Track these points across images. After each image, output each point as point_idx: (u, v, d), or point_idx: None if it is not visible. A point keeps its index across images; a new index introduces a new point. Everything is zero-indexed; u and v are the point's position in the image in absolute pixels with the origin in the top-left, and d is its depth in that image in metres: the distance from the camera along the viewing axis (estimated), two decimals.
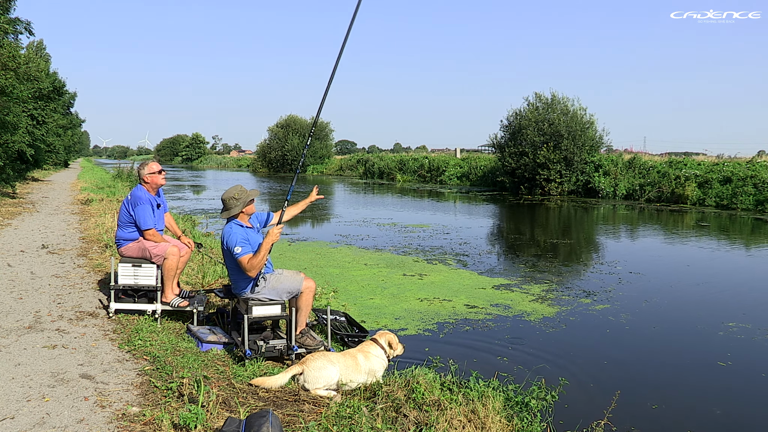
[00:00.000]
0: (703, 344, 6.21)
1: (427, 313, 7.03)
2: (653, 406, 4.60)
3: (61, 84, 29.25)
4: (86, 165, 57.75)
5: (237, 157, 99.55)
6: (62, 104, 32.16)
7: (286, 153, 61.60)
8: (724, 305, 7.84)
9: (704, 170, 26.11)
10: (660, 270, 10.25)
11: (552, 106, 31.25)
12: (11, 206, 14.06)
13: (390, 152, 71.36)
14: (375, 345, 4.42)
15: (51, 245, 8.73)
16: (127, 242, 5.42)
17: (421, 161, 44.86)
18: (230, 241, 4.63)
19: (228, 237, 4.66)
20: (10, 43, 14.94)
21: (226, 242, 4.66)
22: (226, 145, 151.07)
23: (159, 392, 3.69)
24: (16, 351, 4.25)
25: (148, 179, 5.49)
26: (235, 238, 4.63)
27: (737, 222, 19.13)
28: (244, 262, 4.56)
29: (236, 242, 4.60)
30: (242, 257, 4.56)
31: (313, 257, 10.45)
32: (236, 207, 4.75)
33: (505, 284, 8.74)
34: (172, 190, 29.98)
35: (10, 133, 16.18)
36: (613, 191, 27.85)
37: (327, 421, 3.41)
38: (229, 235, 4.66)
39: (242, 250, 4.58)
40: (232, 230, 4.69)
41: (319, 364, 4.04)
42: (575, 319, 6.97)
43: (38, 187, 22.47)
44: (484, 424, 3.55)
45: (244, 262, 4.56)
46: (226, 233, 4.71)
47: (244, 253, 4.58)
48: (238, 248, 4.57)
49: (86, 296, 5.94)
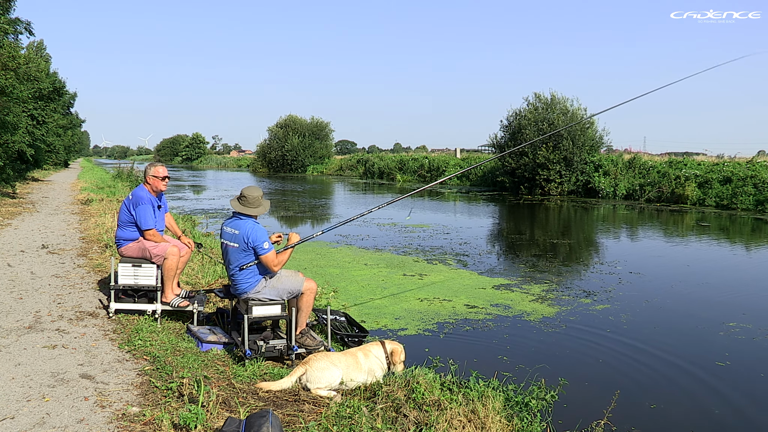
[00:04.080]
0: (704, 344, 6.21)
1: (427, 313, 7.03)
2: (652, 405, 4.61)
3: (61, 84, 29.25)
4: (86, 165, 57.74)
5: (237, 157, 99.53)
6: (62, 104, 32.14)
7: (286, 153, 61.57)
8: (724, 305, 7.84)
9: (704, 170, 26.10)
10: (660, 270, 10.25)
11: (552, 106, 31.26)
12: (11, 206, 14.06)
13: (390, 152, 71.35)
14: (378, 346, 4.40)
15: (51, 245, 8.73)
16: (127, 242, 5.42)
17: (421, 161, 44.84)
18: (257, 236, 4.60)
19: (253, 232, 4.61)
20: (10, 43, 14.94)
21: (251, 237, 4.59)
22: (226, 145, 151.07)
23: (159, 392, 3.69)
24: (16, 351, 4.25)
25: (150, 181, 5.50)
26: (263, 233, 4.65)
27: (737, 222, 19.12)
28: (272, 257, 4.63)
29: (264, 237, 4.63)
30: (270, 252, 4.63)
31: (313, 257, 10.46)
32: (261, 208, 4.76)
33: (505, 284, 8.74)
34: (172, 190, 29.97)
35: (10, 133, 16.19)
36: (613, 191, 27.84)
37: (327, 421, 3.41)
38: (254, 231, 4.62)
39: (269, 245, 4.62)
40: (257, 227, 4.68)
41: (322, 364, 4.04)
42: (575, 319, 6.97)
43: (38, 187, 22.46)
44: (484, 424, 3.55)
45: (271, 257, 4.63)
46: (249, 228, 4.62)
47: (272, 248, 4.65)
48: (267, 243, 4.61)
49: (86, 296, 5.94)
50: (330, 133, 65.10)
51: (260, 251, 4.59)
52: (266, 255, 4.60)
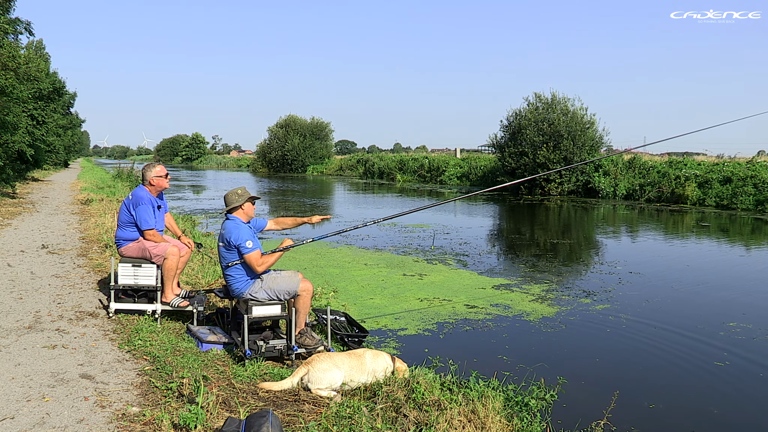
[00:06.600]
0: (704, 344, 6.21)
1: (427, 313, 7.03)
2: (650, 405, 4.61)
3: (61, 84, 29.24)
4: (86, 165, 57.72)
5: (237, 157, 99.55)
6: (62, 104, 32.16)
7: (286, 153, 61.58)
8: (724, 305, 7.84)
9: (704, 170, 26.11)
10: (660, 270, 10.24)
11: (552, 106, 31.27)
12: (11, 206, 14.06)
13: (390, 152, 71.37)
14: (388, 357, 4.30)
15: (51, 245, 8.73)
16: (127, 242, 5.42)
17: (421, 161, 44.84)
18: (239, 235, 4.58)
19: (235, 231, 4.61)
20: (10, 43, 14.94)
21: (233, 237, 4.59)
22: (226, 145, 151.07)
23: (159, 392, 3.69)
24: (16, 351, 4.25)
25: (154, 182, 5.49)
26: (245, 232, 4.62)
27: (737, 222, 19.12)
28: (255, 257, 4.56)
29: (247, 237, 4.59)
30: (254, 252, 4.56)
31: (313, 257, 10.46)
32: (238, 201, 4.74)
33: (505, 284, 8.74)
34: (172, 190, 29.96)
35: (10, 133, 16.18)
36: (613, 191, 27.84)
37: (327, 421, 3.41)
38: (236, 230, 4.62)
39: (253, 244, 4.59)
40: (238, 225, 4.66)
41: (324, 365, 4.03)
42: (575, 319, 6.97)
43: (38, 187, 22.46)
44: (484, 424, 3.55)
45: (254, 257, 4.56)
46: (231, 228, 4.65)
47: (256, 248, 4.59)
48: (250, 242, 4.57)
49: (86, 296, 5.94)
50: (330, 133, 65.16)
51: (243, 250, 4.58)
52: (249, 255, 4.57)
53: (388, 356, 4.35)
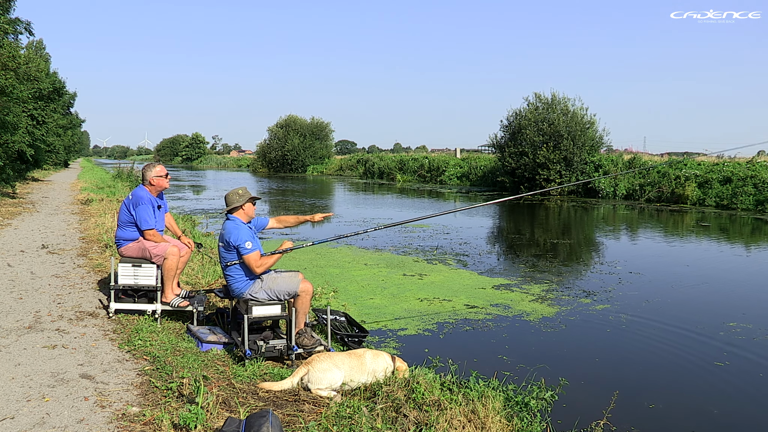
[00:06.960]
0: (704, 344, 6.20)
1: (427, 313, 7.03)
2: (650, 405, 4.61)
3: (61, 84, 29.23)
4: (86, 165, 57.73)
5: (237, 157, 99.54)
6: (62, 104, 32.14)
7: (286, 153, 61.59)
8: (724, 305, 7.84)
9: (704, 170, 26.11)
10: (660, 270, 10.24)
11: (552, 106, 31.27)
12: (11, 206, 14.06)
13: (390, 152, 71.38)
14: (388, 357, 4.30)
15: (51, 245, 8.73)
16: (127, 242, 5.42)
17: (421, 161, 44.84)
18: (238, 236, 4.59)
19: (235, 232, 4.62)
20: (10, 43, 14.93)
21: (232, 237, 4.60)
22: (226, 145, 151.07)
23: (159, 392, 3.69)
24: (16, 351, 4.25)
25: (154, 182, 5.50)
26: (245, 233, 4.62)
27: (737, 222, 19.13)
28: (254, 258, 4.57)
29: (246, 237, 4.59)
30: (252, 253, 4.57)
31: (313, 257, 10.46)
32: (238, 201, 4.75)
33: (505, 284, 8.74)
34: (172, 190, 29.95)
35: (10, 133, 16.18)
36: (613, 191, 27.84)
37: (327, 421, 3.41)
38: (236, 230, 4.62)
39: (253, 245, 4.59)
40: (238, 226, 4.66)
41: (324, 366, 4.03)
42: (575, 319, 6.97)
43: (38, 187, 22.46)
44: (484, 424, 3.55)
45: (253, 257, 4.57)
46: (231, 228, 4.66)
47: (255, 249, 4.59)
48: (249, 243, 4.57)
49: (86, 296, 5.94)
50: (330, 133, 65.15)
51: (242, 251, 4.59)
52: (248, 255, 4.58)
53: (388, 356, 4.35)
